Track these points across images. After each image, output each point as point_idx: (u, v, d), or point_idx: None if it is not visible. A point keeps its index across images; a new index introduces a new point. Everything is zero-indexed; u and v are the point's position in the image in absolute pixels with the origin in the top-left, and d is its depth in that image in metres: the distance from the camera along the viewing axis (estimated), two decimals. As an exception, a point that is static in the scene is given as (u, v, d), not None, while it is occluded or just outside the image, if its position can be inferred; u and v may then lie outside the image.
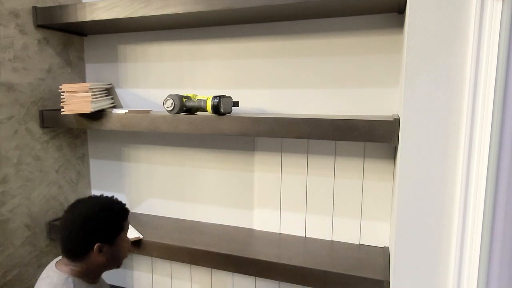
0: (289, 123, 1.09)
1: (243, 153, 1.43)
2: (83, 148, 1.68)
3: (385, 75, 1.21)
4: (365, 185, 1.28)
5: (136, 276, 1.69)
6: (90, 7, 1.32)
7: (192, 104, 1.24)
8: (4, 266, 1.35)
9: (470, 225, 0.89)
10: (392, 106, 1.22)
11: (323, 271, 1.11)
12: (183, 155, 1.54)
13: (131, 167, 1.64)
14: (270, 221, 1.43)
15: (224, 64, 1.42)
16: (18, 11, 1.36)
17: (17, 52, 1.36)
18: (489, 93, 0.84)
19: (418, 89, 0.90)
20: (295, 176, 1.37)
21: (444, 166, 0.91)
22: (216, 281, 1.54)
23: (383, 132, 0.99)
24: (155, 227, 1.47)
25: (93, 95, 1.35)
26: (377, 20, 1.20)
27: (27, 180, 1.42)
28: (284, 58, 1.33)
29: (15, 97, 1.36)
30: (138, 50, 1.55)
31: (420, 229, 0.94)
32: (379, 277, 1.06)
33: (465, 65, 0.86)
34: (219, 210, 1.51)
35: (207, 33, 1.42)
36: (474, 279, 0.89)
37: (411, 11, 0.89)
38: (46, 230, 1.50)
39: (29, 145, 1.42)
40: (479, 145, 0.86)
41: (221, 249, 1.25)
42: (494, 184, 0.86)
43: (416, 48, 0.89)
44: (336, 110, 1.29)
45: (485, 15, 0.82)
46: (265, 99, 1.37)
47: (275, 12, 1.18)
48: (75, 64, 1.61)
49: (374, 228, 1.29)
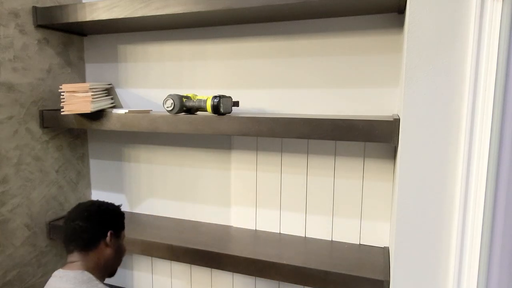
0: (289, 123, 1.09)
1: (244, 153, 1.43)
2: (83, 148, 1.68)
3: (385, 75, 1.21)
4: (365, 185, 1.29)
5: (136, 276, 1.69)
6: (90, 7, 1.32)
7: (192, 104, 1.24)
8: (4, 266, 1.35)
9: (470, 225, 0.89)
10: (392, 106, 1.22)
11: (323, 271, 1.11)
12: (183, 155, 1.54)
13: (131, 167, 1.64)
14: (270, 221, 1.43)
15: (224, 64, 1.42)
16: (18, 11, 1.36)
17: (17, 52, 1.36)
18: (489, 93, 0.84)
19: (418, 89, 0.90)
20: (295, 176, 1.37)
21: (444, 166, 0.91)
22: (216, 281, 1.54)
23: (383, 132, 0.99)
24: (155, 227, 1.47)
25: (93, 95, 1.35)
26: (377, 20, 1.20)
27: (27, 180, 1.42)
28: (284, 58, 1.33)
29: (15, 97, 1.37)
30: (138, 50, 1.55)
31: (420, 229, 0.94)
32: (379, 277, 1.06)
33: (465, 65, 0.86)
34: (219, 210, 1.51)
35: (207, 33, 1.42)
36: (474, 279, 0.89)
37: (411, 11, 0.89)
38: (46, 230, 1.50)
39: (29, 145, 1.42)
40: (479, 145, 0.86)
41: (221, 249, 1.25)
42: (494, 184, 0.86)
43: (416, 48, 0.89)
44: (336, 110, 1.29)
45: (485, 15, 0.82)
46: (265, 99, 1.37)
47: (275, 12, 1.17)
48: (75, 64, 1.61)
49: (374, 228, 1.29)
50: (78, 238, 1.03)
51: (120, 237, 1.12)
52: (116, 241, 1.09)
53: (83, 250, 1.03)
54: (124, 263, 1.70)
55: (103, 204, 1.11)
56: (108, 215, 1.09)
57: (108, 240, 1.06)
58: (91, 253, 1.04)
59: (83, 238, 1.03)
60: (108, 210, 1.10)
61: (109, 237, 1.06)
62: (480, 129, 0.85)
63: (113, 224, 1.09)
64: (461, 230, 0.90)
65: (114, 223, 1.10)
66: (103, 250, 1.06)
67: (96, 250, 1.04)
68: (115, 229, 1.09)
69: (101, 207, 1.09)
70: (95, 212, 1.07)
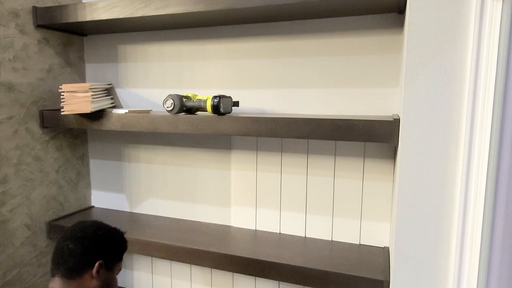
0: (289, 123, 1.09)
1: (244, 153, 1.43)
2: (83, 148, 1.68)
3: (385, 75, 1.21)
4: (365, 185, 1.29)
5: (136, 276, 1.69)
6: (90, 7, 1.32)
7: (192, 104, 1.24)
8: (4, 266, 1.35)
9: (470, 225, 0.89)
10: (392, 106, 1.22)
11: (323, 271, 1.11)
12: (183, 155, 1.54)
13: (131, 167, 1.64)
14: (270, 221, 1.43)
15: (224, 64, 1.42)
16: (18, 11, 1.36)
17: (17, 52, 1.36)
18: (489, 93, 0.84)
19: (418, 89, 0.90)
20: (295, 176, 1.37)
21: (444, 166, 0.91)
22: (216, 281, 1.54)
23: (383, 132, 0.99)
24: (155, 227, 1.47)
25: (93, 95, 1.35)
26: (377, 20, 1.20)
27: (27, 180, 1.42)
28: (284, 58, 1.33)
29: (15, 97, 1.37)
30: (138, 50, 1.55)
31: (420, 229, 0.94)
32: (379, 277, 1.06)
33: (465, 65, 0.86)
34: (219, 210, 1.51)
35: (207, 33, 1.42)
36: (474, 279, 0.89)
37: (411, 11, 0.89)
38: (46, 230, 1.50)
39: (29, 145, 1.42)
40: (479, 145, 0.86)
41: (221, 249, 1.25)
42: (494, 184, 0.86)
43: (416, 48, 0.89)
44: (336, 110, 1.29)
45: (485, 15, 0.82)
46: (265, 99, 1.37)
47: (275, 12, 1.17)
48: (75, 64, 1.61)
49: (374, 228, 1.29)
50: (63, 262, 0.93)
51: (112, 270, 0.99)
52: (105, 274, 0.96)
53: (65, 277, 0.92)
54: (124, 263, 1.70)
55: (103, 228, 0.99)
56: (104, 242, 0.96)
57: (95, 272, 0.93)
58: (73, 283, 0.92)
59: (68, 264, 0.92)
60: (106, 236, 0.98)
61: (96, 267, 0.93)
62: (480, 129, 0.85)
63: (107, 253, 0.96)
64: (461, 230, 0.90)
65: (108, 252, 0.97)
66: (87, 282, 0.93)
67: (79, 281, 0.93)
68: (107, 260, 0.96)
69: (99, 231, 0.97)
70: (90, 235, 0.95)
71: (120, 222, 1.52)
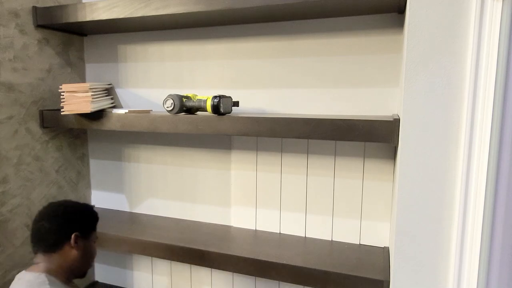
0: (289, 123, 1.09)
1: (244, 153, 1.43)
2: (83, 148, 1.68)
3: (385, 75, 1.21)
4: (365, 185, 1.29)
5: (136, 276, 1.69)
6: (90, 7, 1.32)
7: (192, 104, 1.24)
8: (4, 266, 1.35)
9: (470, 225, 0.89)
10: (392, 106, 1.22)
11: (323, 271, 1.11)
12: (183, 155, 1.54)
13: (131, 167, 1.64)
14: (270, 221, 1.43)
15: (224, 64, 1.42)
16: (18, 11, 1.36)
17: (17, 52, 1.36)
18: (489, 93, 0.84)
19: (418, 89, 0.90)
20: (295, 176, 1.37)
21: (444, 166, 0.91)
22: (216, 281, 1.54)
23: (383, 132, 0.99)
24: (155, 227, 1.47)
25: (93, 95, 1.35)
26: (377, 20, 1.20)
27: (27, 180, 1.42)
28: (284, 58, 1.33)
29: (15, 97, 1.37)
30: (138, 50, 1.55)
31: (420, 229, 0.94)
32: (379, 277, 1.07)
33: (465, 65, 0.86)
34: (219, 210, 1.51)
35: (207, 33, 1.42)
36: (474, 279, 0.89)
37: (411, 11, 0.89)
38: (46, 230, 1.50)
39: (29, 145, 1.42)
40: (479, 145, 0.86)
41: (221, 249, 1.25)
42: (494, 184, 0.86)
43: (416, 48, 0.89)
44: (336, 110, 1.29)
45: (485, 15, 0.82)
46: (265, 99, 1.37)
47: (275, 12, 1.18)
48: (75, 64, 1.61)
49: (374, 228, 1.29)
50: (42, 239, 1.02)
51: (89, 239, 1.09)
52: (83, 243, 1.07)
53: (47, 252, 1.02)
54: (124, 263, 1.70)
55: (72, 205, 1.09)
56: (75, 216, 1.07)
57: (73, 242, 1.03)
58: (55, 255, 1.02)
59: (47, 240, 1.02)
60: (76, 211, 1.08)
61: (73, 239, 1.03)
62: (480, 129, 0.85)
63: (80, 225, 1.07)
64: (461, 230, 0.90)
65: (81, 224, 1.07)
66: (68, 252, 1.03)
67: (60, 252, 1.03)
68: (82, 231, 1.06)
69: (68, 208, 1.07)
70: (61, 212, 1.05)
71: (120, 222, 1.52)
